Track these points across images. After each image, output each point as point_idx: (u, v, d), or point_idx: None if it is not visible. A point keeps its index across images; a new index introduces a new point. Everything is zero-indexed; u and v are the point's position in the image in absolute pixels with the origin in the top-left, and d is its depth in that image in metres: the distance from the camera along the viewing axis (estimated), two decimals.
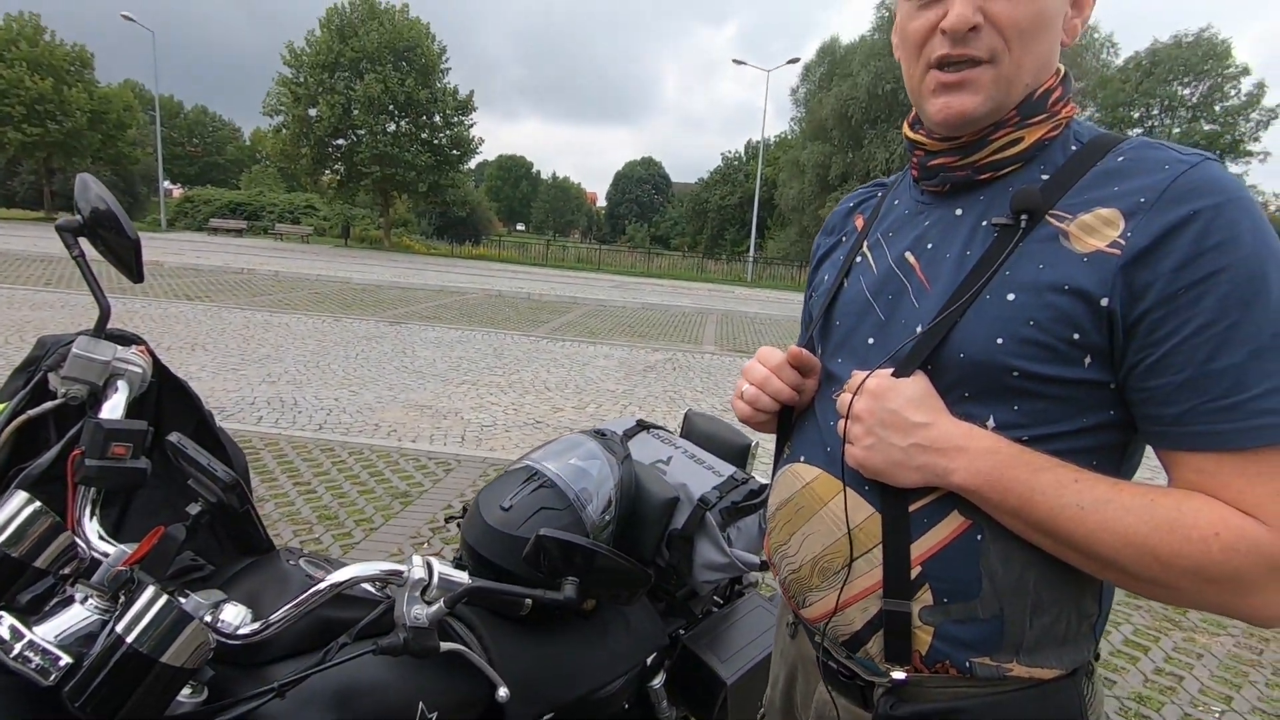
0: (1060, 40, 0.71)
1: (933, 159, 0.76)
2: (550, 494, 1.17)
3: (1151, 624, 2.90)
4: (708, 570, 1.31)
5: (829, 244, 0.95)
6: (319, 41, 27.53)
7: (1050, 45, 0.70)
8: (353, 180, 29.64)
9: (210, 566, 0.91)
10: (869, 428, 0.71)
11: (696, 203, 51.60)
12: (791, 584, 0.82)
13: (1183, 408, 0.61)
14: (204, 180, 53.51)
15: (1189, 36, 29.46)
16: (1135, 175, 0.65)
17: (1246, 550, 0.58)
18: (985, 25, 0.67)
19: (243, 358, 6.65)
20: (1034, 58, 0.69)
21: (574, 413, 5.79)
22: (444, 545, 3.12)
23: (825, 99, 32.20)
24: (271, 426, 4.68)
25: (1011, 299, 0.66)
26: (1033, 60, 0.69)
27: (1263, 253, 0.59)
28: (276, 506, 3.36)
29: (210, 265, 15.16)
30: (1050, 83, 0.72)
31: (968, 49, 0.68)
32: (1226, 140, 28.85)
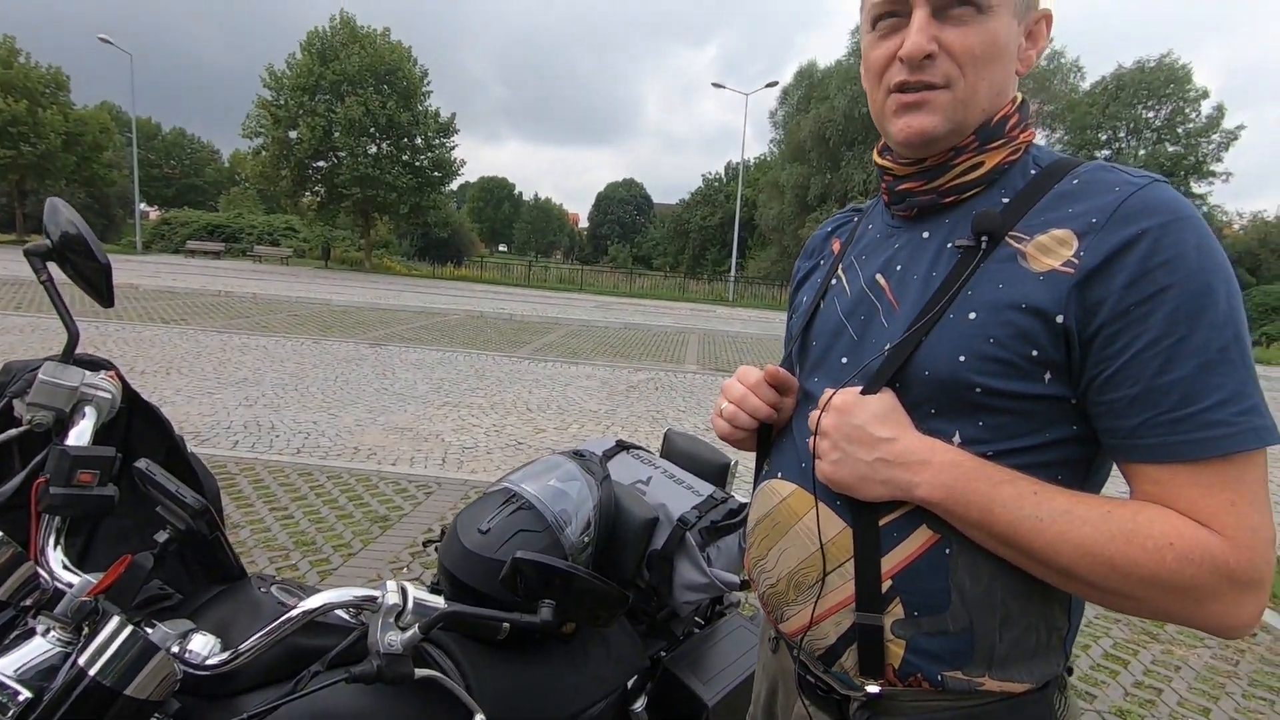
0: (1015, 69, 0.74)
1: (901, 183, 0.79)
2: (529, 516, 1.16)
3: (1130, 637, 2.93)
4: (688, 591, 1.31)
5: (808, 267, 0.98)
6: (299, 64, 27.53)
7: (1004, 73, 0.73)
8: (333, 202, 29.50)
9: (179, 595, 0.89)
10: (835, 443, 0.73)
11: (678, 223, 52.03)
12: (770, 598, 0.83)
13: (1137, 420, 0.63)
14: (181, 202, 52.94)
15: (1151, 61, 30.48)
16: (1088, 197, 0.67)
17: (1200, 560, 0.59)
18: (940, 53, 0.70)
19: (219, 381, 6.55)
20: (988, 84, 0.71)
21: (556, 433, 5.76)
22: (423, 570, 3.07)
23: (803, 121, 32.78)
24: (248, 451, 4.60)
25: (973, 318, 0.68)
26: (987, 86, 0.72)
27: (1209, 268, 0.61)
28: (252, 533, 3.29)
29: (187, 288, 14.97)
30: (1007, 109, 0.74)
31: (924, 75, 0.71)
32: (1190, 161, 29.74)
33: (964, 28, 0.69)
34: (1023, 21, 0.73)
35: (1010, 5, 0.70)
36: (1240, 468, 0.61)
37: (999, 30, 0.70)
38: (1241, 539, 0.60)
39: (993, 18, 0.69)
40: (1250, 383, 0.61)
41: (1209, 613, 0.61)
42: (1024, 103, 0.76)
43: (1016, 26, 0.72)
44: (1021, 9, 0.72)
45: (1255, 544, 0.60)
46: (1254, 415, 0.60)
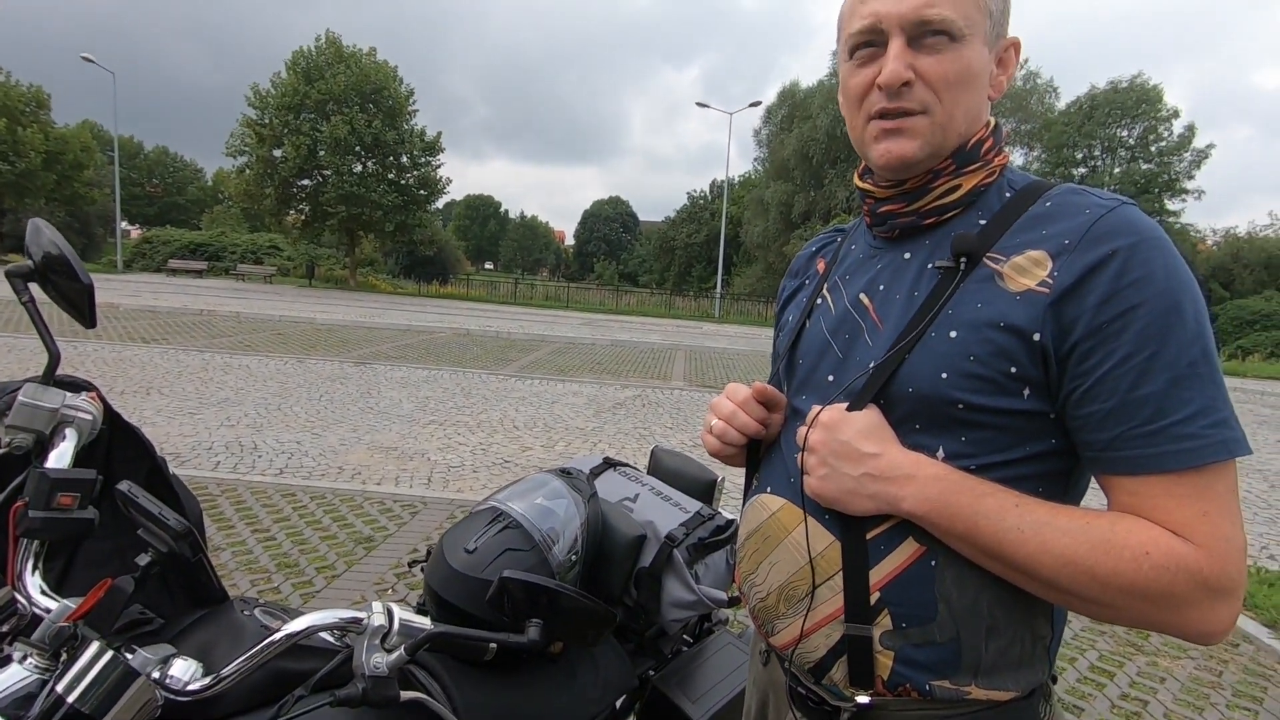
0: (987, 95, 0.77)
1: (882, 205, 0.81)
2: (516, 535, 1.15)
3: (1115, 649, 2.95)
4: (676, 608, 1.30)
5: (793, 286, 1.01)
6: (285, 83, 27.55)
7: (978, 98, 0.76)
8: (318, 220, 29.40)
9: (160, 620, 0.87)
10: (823, 458, 0.74)
11: (664, 240, 52.32)
12: (760, 612, 0.84)
13: (1112, 434, 0.65)
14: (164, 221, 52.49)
15: (1123, 82, 31.28)
16: (1060, 219, 0.69)
17: (1175, 568, 0.61)
18: (916, 81, 0.72)
19: (200, 401, 6.47)
20: (963, 109, 0.74)
21: (543, 451, 5.73)
22: (409, 590, 3.03)
23: (787, 140, 33.25)
24: (230, 472, 4.54)
25: (954, 336, 0.70)
26: (962, 111, 0.74)
27: (1176, 286, 0.64)
28: (234, 555, 3.24)
29: (168, 307, 14.81)
30: (981, 134, 0.77)
31: (902, 102, 0.73)
32: (1164, 179, 30.45)
33: (938, 56, 0.72)
34: (993, 49, 0.76)
35: (981, 34, 0.73)
36: (1211, 478, 0.63)
37: (971, 58, 0.72)
38: (1215, 548, 0.62)
39: (965, 46, 0.72)
40: (1219, 396, 0.63)
41: (1185, 620, 0.62)
42: (997, 127, 0.79)
43: (988, 54, 0.75)
44: (992, 37, 0.75)
45: (1228, 552, 0.62)
46: (1223, 428, 0.62)
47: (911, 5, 0.70)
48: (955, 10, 0.70)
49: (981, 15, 0.72)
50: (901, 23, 0.71)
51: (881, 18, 0.72)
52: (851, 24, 0.76)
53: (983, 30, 0.73)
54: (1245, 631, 3.20)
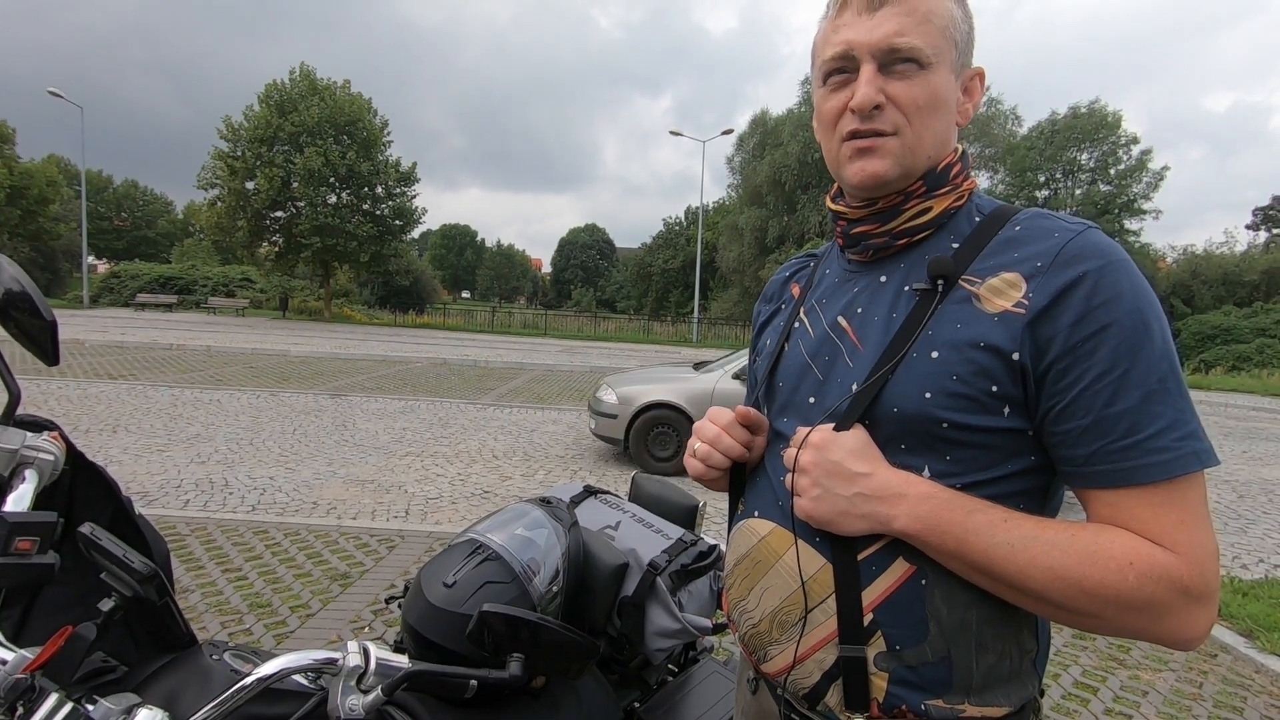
0: (955, 121, 0.80)
1: (855, 227, 0.83)
2: (495, 567, 1.13)
3: (1098, 664, 2.96)
4: (660, 637, 1.29)
5: (769, 310, 1.02)
6: (257, 116, 27.46)
7: (946, 123, 0.78)
8: (292, 252, 29.14)
9: (124, 667, 0.84)
10: (815, 479, 0.75)
11: (641, 267, 52.65)
12: (751, 639, 0.83)
13: (1090, 449, 0.66)
14: (132, 254, 51.72)
15: (1083, 108, 32.43)
16: (1031, 242, 0.72)
17: (1158, 577, 0.63)
18: (887, 104, 0.75)
19: (169, 438, 6.31)
20: (932, 133, 0.77)
21: (523, 480, 5.67)
22: (386, 628, 2.96)
23: (759, 167, 33.83)
24: (199, 510, 4.42)
25: (936, 356, 0.72)
26: (931, 135, 0.77)
27: (1143, 306, 0.66)
28: (203, 597, 3.14)
29: (136, 342, 14.51)
30: (950, 158, 0.80)
31: (874, 124, 0.76)
32: (1123, 200, 31.47)
33: (908, 81, 0.75)
34: (959, 77, 0.79)
35: (948, 62, 0.76)
36: (1185, 488, 0.65)
37: (939, 84, 0.75)
38: (1192, 554, 0.64)
39: (933, 73, 0.75)
40: (1187, 409, 0.66)
41: (1167, 627, 0.64)
42: (964, 153, 0.82)
43: (954, 82, 0.78)
44: (958, 66, 0.78)
45: (1204, 558, 0.64)
46: (1192, 440, 0.65)
47: (882, 34, 0.73)
48: (923, 39, 0.73)
49: (948, 44, 0.75)
50: (872, 50, 0.74)
51: (853, 45, 0.75)
52: (825, 51, 0.79)
53: (949, 59, 0.76)
54: (1222, 642, 3.24)
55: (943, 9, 0.75)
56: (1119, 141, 31.79)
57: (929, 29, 0.74)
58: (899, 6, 0.74)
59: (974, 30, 0.79)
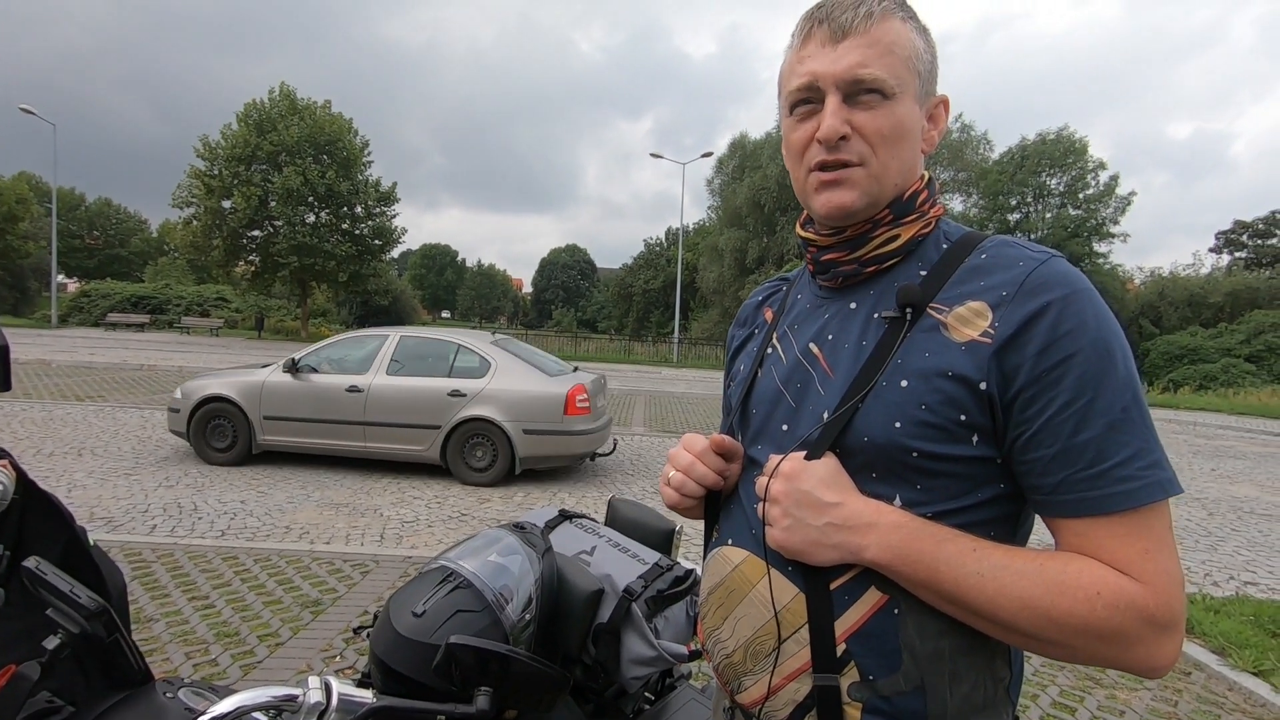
0: (920, 149, 0.81)
1: (824, 254, 0.83)
2: (467, 595, 1.11)
3: (1075, 684, 2.97)
4: (636, 665, 1.26)
5: (743, 335, 1.01)
6: (235, 135, 27.29)
7: (911, 152, 0.79)
8: (268, 271, 28.85)
9: (70, 708, 0.80)
10: (786, 509, 0.74)
11: (622, 287, 52.87)
12: (725, 669, 0.82)
13: (1057, 478, 0.67)
14: (104, 273, 50.87)
15: (1051, 134, 33.35)
16: (996, 271, 0.73)
17: (1125, 606, 0.63)
18: (853, 135, 0.76)
19: (137, 461, 6.15)
20: (898, 162, 0.78)
21: (501, 503, 5.60)
22: (359, 657, 2.88)
23: (739, 189, 34.28)
24: (167, 536, 4.30)
25: (905, 385, 0.72)
26: (897, 164, 0.78)
27: (1106, 335, 0.67)
28: (168, 627, 3.04)
29: (105, 362, 14.20)
30: (917, 186, 0.81)
31: (840, 155, 0.76)
32: (1091, 224, 32.30)
33: (872, 112, 0.75)
34: (924, 106, 0.80)
35: (912, 92, 0.77)
36: (1150, 517, 0.65)
37: (903, 114, 0.76)
38: (1158, 584, 0.64)
39: (897, 103, 0.76)
40: (1151, 438, 0.66)
41: (1134, 656, 0.64)
42: (931, 180, 0.83)
43: (919, 111, 0.79)
44: (922, 96, 0.79)
45: (1169, 587, 0.64)
46: (1156, 469, 0.65)
47: (846, 65, 0.74)
48: (886, 70, 0.74)
49: (911, 75, 0.76)
50: (837, 81, 0.75)
51: (818, 76, 0.76)
52: (791, 82, 0.80)
53: (913, 89, 0.77)
54: (1195, 659, 3.27)
55: (905, 40, 0.76)
56: (1087, 167, 32.73)
57: (892, 60, 0.75)
58: (862, 38, 0.74)
59: (937, 60, 0.81)
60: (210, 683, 0.95)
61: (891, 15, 0.76)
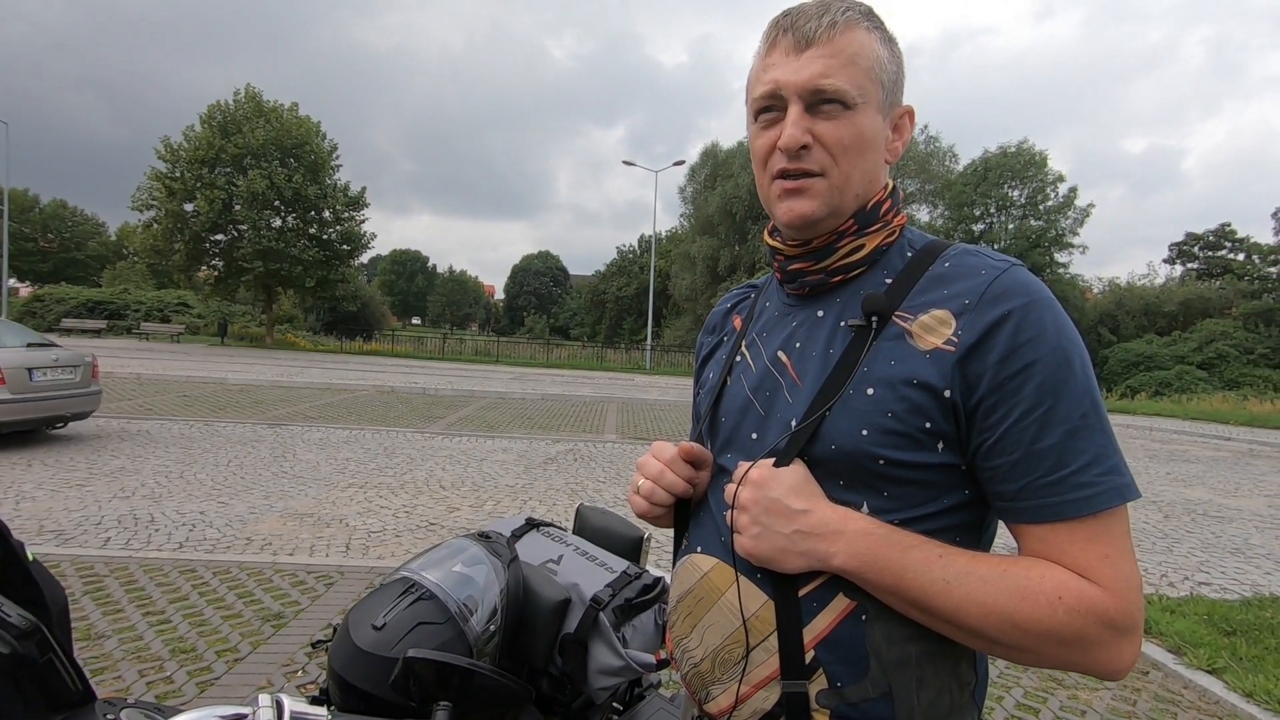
0: (884, 159, 0.81)
1: (791, 263, 0.84)
2: (429, 607, 1.08)
3: (1039, 685, 3.02)
4: (603, 675, 1.25)
5: (712, 343, 1.01)
6: (199, 137, 26.68)
7: (874, 162, 0.79)
8: (232, 276, 28.21)
9: None
10: (754, 517, 0.74)
11: (594, 294, 52.84)
12: (694, 679, 0.81)
13: (1019, 485, 0.68)
14: (59, 277, 49.19)
15: (1013, 147, 34.24)
16: (959, 279, 0.73)
17: (1086, 611, 0.64)
18: (814, 144, 0.76)
19: (90, 471, 5.94)
20: (860, 172, 0.78)
21: (471, 512, 5.53)
22: (321, 671, 2.81)
23: (711, 197, 34.57)
24: (121, 549, 4.15)
25: (871, 393, 0.72)
26: (859, 174, 0.78)
27: (1066, 344, 0.68)
28: (120, 643, 2.93)
29: None
30: (880, 195, 0.81)
31: (802, 163, 0.77)
32: (1052, 234, 33.20)
33: (834, 122, 0.76)
34: (888, 116, 0.80)
35: (875, 102, 0.77)
36: (1109, 522, 0.66)
37: (865, 125, 0.76)
38: (1118, 588, 0.65)
39: (859, 114, 0.76)
40: (1109, 444, 0.67)
41: (1095, 660, 0.65)
42: (895, 189, 0.83)
43: (882, 121, 0.79)
44: (886, 106, 0.79)
45: (1128, 591, 0.65)
46: (1114, 475, 0.66)
47: (808, 74, 0.74)
48: (849, 81, 0.75)
49: (874, 85, 0.77)
50: (799, 90, 0.75)
51: (781, 85, 0.76)
52: (755, 89, 0.80)
53: (876, 99, 0.77)
54: (1153, 659, 3.35)
55: (869, 51, 0.76)
56: (1047, 179, 33.67)
57: (854, 70, 0.75)
58: (825, 48, 0.74)
59: (903, 71, 0.81)
60: (158, 703, 0.91)
61: (856, 25, 0.76)
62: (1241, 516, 6.94)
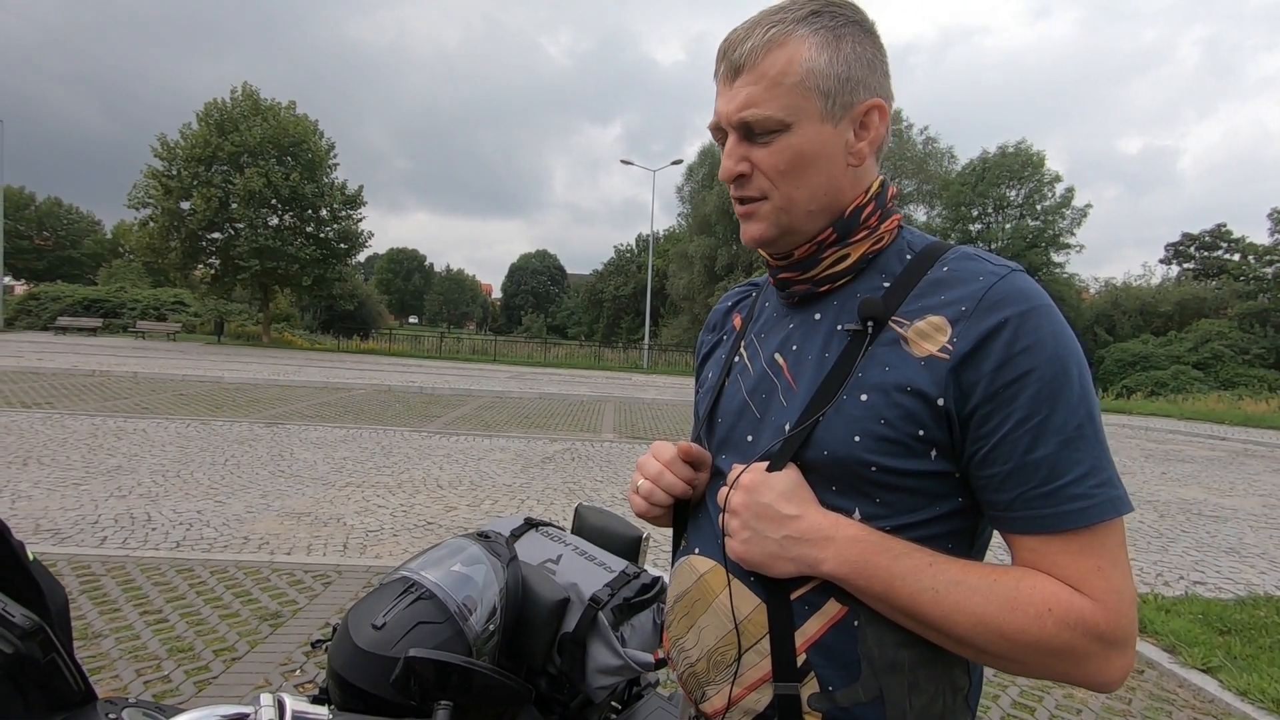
0: (847, 164, 0.77)
1: (780, 272, 0.84)
2: (429, 606, 1.09)
3: (1034, 685, 3.03)
4: (602, 675, 1.25)
5: (712, 341, 1.01)
6: (195, 135, 26.60)
7: (825, 174, 0.76)
8: (229, 274, 28.13)
9: None
10: (745, 521, 0.74)
11: (592, 293, 52.82)
12: (689, 679, 0.82)
13: (1012, 495, 0.67)
14: (54, 275, 49.03)
15: (1010, 148, 34.31)
16: (956, 285, 0.72)
17: (1075, 623, 0.63)
18: (754, 171, 0.77)
19: (87, 470, 5.93)
20: (806, 189, 0.76)
21: (469, 511, 5.53)
22: (319, 671, 2.81)
23: (708, 197, 34.57)
24: (118, 548, 4.14)
25: (865, 399, 0.72)
26: (805, 191, 0.76)
27: (1063, 353, 0.67)
28: (117, 643, 2.92)
29: (55, 368, 13.68)
30: (859, 201, 0.78)
31: (744, 191, 0.79)
32: (1049, 235, 33.28)
33: (768, 148, 0.75)
34: (841, 121, 0.76)
35: (813, 114, 0.74)
36: (1103, 535, 0.66)
37: (802, 143, 0.74)
38: (1109, 602, 0.64)
39: (794, 134, 0.74)
40: (1103, 456, 0.67)
41: (1085, 672, 0.65)
42: (882, 190, 0.80)
43: (831, 129, 0.75)
44: (833, 112, 0.75)
45: (1120, 605, 0.65)
46: (1108, 487, 0.66)
47: (735, 106, 0.75)
48: (773, 106, 0.73)
49: (809, 99, 0.73)
50: (729, 122, 0.76)
51: (720, 116, 0.78)
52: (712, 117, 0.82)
53: (814, 110, 0.74)
54: (1148, 658, 3.37)
55: (797, 65, 0.72)
56: (1044, 179, 33.75)
57: (779, 91, 0.73)
58: (750, 75, 0.74)
59: (865, 64, 0.76)
60: (159, 702, 0.92)
61: (783, 42, 0.73)
62: (1236, 516, 6.97)
